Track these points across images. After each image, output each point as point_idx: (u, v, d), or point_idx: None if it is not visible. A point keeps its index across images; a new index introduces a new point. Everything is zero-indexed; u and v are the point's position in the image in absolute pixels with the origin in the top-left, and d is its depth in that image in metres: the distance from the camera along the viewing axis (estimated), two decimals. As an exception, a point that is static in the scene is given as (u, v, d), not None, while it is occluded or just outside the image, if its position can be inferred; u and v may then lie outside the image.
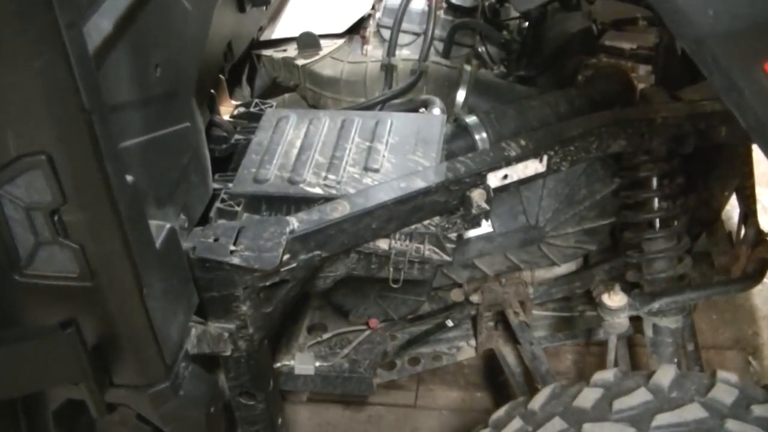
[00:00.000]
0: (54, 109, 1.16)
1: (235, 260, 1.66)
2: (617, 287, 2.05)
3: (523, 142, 1.93)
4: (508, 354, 2.57)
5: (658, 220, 2.15)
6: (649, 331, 2.22)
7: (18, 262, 1.34)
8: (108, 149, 1.25)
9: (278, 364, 2.47)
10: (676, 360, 2.23)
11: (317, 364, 2.52)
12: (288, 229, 1.72)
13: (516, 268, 2.48)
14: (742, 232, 2.34)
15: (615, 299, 2.03)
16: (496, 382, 3.01)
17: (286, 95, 2.54)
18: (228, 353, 1.82)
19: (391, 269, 1.95)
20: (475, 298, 2.51)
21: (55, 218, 1.27)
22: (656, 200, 2.14)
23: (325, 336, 2.57)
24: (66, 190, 1.24)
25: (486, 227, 2.25)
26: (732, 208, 2.60)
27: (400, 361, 2.64)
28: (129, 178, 1.33)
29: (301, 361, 2.50)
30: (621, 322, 2.07)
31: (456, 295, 2.61)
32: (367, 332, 2.57)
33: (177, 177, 1.68)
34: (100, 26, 1.33)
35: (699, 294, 2.16)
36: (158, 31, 1.56)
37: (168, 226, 1.52)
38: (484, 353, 2.69)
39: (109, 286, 1.39)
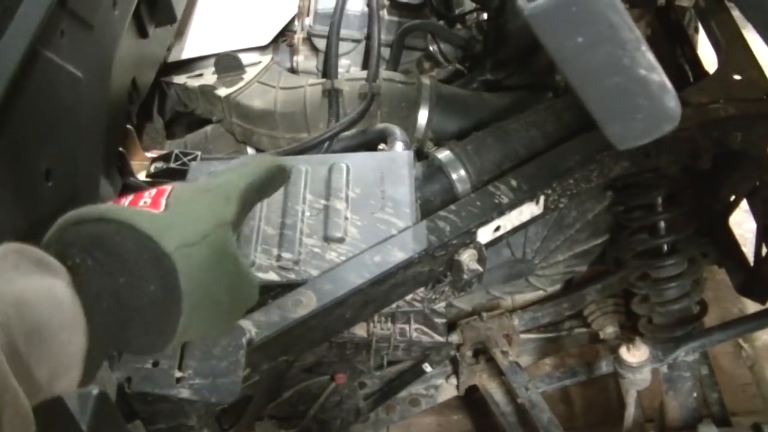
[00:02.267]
0: None
1: (184, 393, 1.29)
2: (638, 341, 1.73)
3: (514, 183, 1.58)
4: (494, 391, 2.24)
5: (665, 245, 1.83)
6: (663, 368, 1.92)
7: None
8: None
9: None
10: (695, 395, 1.95)
11: (281, 432, 2.17)
12: (245, 340, 1.34)
13: (496, 300, 2.16)
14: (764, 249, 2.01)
15: (636, 354, 1.72)
16: (471, 399, 2.71)
17: (208, 128, 2.11)
18: (185, 485, 1.46)
19: (372, 355, 1.61)
20: (454, 338, 2.18)
21: None
22: (663, 223, 1.81)
23: (286, 395, 2.21)
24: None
25: (465, 266, 1.91)
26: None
27: (372, 412, 2.30)
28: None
29: (263, 432, 2.15)
30: (643, 377, 1.76)
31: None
32: (333, 385, 2.23)
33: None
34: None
35: (729, 333, 1.86)
36: (42, 124, 1.15)
37: (95, 392, 1.13)
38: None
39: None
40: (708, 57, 1.99)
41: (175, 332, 0.80)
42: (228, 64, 2.04)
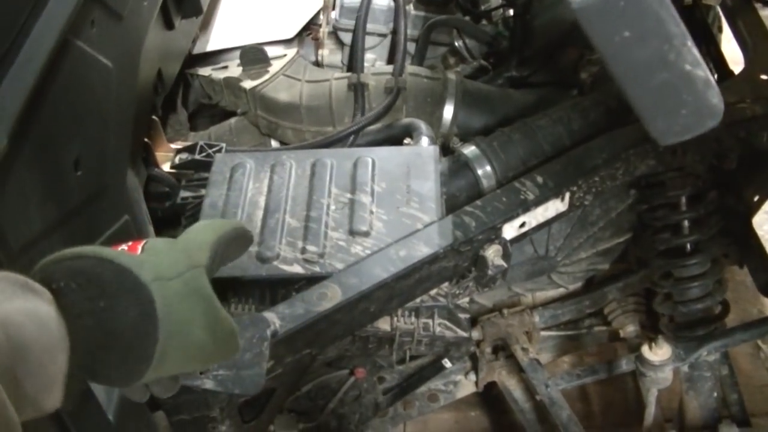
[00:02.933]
0: None
1: (208, 384, 1.29)
2: (661, 339, 1.73)
3: (540, 180, 1.58)
4: (513, 387, 2.24)
5: (689, 244, 1.82)
6: (683, 367, 1.91)
7: None
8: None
9: (254, 434, 2.12)
10: (715, 395, 1.94)
11: (300, 426, 2.17)
12: (269, 332, 1.34)
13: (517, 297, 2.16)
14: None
15: (659, 353, 1.72)
16: (489, 396, 2.70)
17: (232, 120, 2.12)
18: (207, 475, 1.46)
19: (395, 349, 1.60)
20: (474, 334, 2.17)
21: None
22: (687, 222, 1.80)
23: (305, 388, 2.20)
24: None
25: (488, 262, 1.91)
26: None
27: (392, 408, 2.29)
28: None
29: (282, 426, 2.15)
30: (665, 376, 1.76)
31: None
32: (353, 379, 2.22)
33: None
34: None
35: (752, 333, 1.86)
36: (72, 114, 1.16)
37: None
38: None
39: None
40: (731, 56, 1.98)
41: (152, 359, 0.82)
42: (253, 56, 2.05)
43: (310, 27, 2.25)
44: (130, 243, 0.88)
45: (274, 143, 2.07)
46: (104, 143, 1.26)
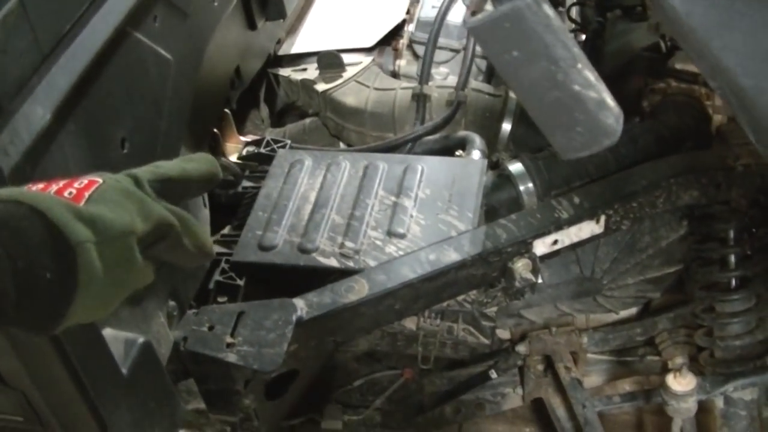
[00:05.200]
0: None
1: (231, 357, 1.40)
2: (685, 369, 1.74)
3: (576, 200, 1.63)
4: (558, 406, 2.27)
5: (734, 280, 1.83)
6: (719, 402, 1.91)
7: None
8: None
9: (300, 419, 2.22)
10: (750, 432, 1.93)
11: (345, 418, 2.26)
12: (294, 317, 1.44)
13: (568, 316, 2.19)
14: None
15: (682, 383, 1.73)
16: (545, 413, 2.73)
17: (307, 120, 2.24)
18: (231, 448, 1.57)
19: (420, 349, 1.68)
20: (521, 348, 2.21)
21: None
22: (733, 257, 1.81)
23: (357, 383, 2.30)
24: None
25: (534, 277, 1.96)
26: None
27: (438, 409, 2.36)
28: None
29: (329, 415, 2.24)
30: (688, 407, 1.77)
31: (503, 333, 2.32)
32: (402, 379, 2.30)
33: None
34: (31, 117, 1.04)
35: (785, 373, 1.85)
36: (123, 97, 1.27)
37: (140, 341, 1.26)
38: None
39: (63, 429, 1.14)
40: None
41: (64, 318, 0.79)
42: (329, 61, 2.16)
43: (395, 37, 2.34)
44: (85, 181, 0.84)
45: (341, 145, 2.18)
46: (155, 126, 1.37)
